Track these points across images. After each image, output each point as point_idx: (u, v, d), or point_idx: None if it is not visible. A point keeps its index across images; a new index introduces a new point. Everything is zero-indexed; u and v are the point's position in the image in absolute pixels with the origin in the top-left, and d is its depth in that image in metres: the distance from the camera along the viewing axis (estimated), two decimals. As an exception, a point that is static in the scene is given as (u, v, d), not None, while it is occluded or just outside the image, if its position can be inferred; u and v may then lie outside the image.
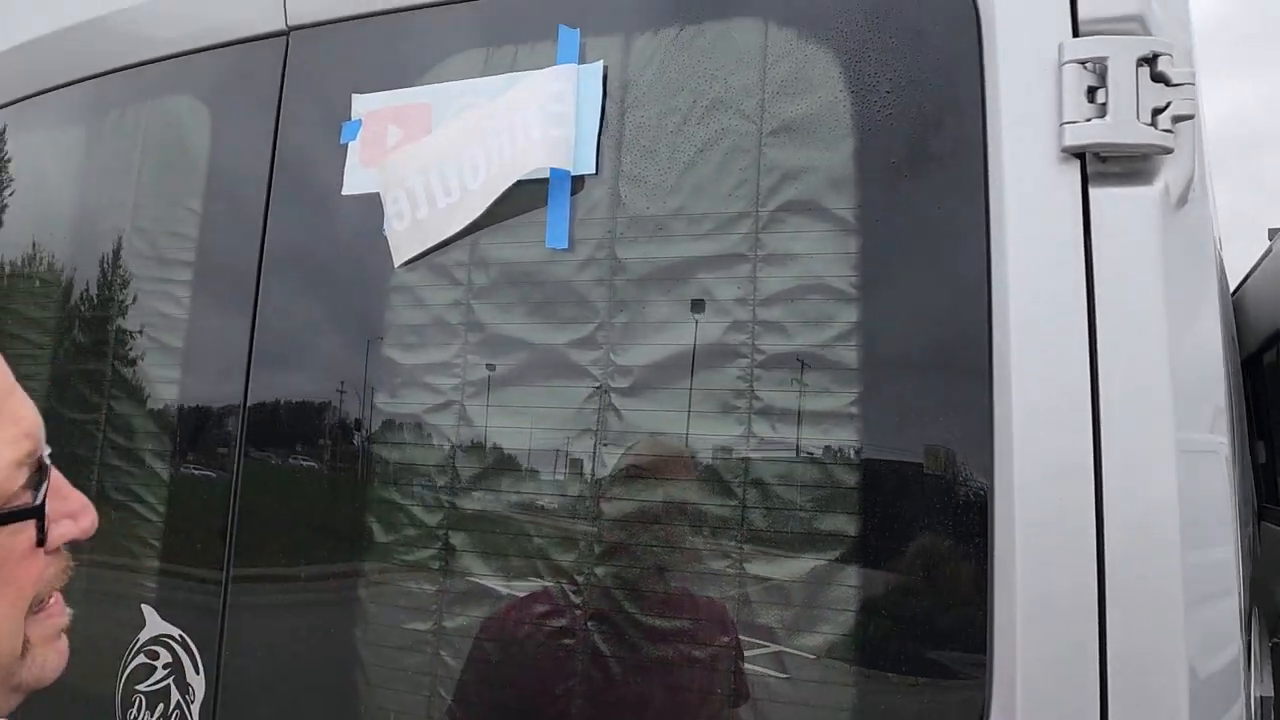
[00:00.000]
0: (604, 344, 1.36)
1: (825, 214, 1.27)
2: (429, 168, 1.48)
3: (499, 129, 1.43)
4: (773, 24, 1.33)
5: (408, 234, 1.50)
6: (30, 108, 2.00)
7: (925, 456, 1.19)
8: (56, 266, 1.94)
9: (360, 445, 1.52)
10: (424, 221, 1.48)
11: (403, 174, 1.50)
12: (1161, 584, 1.05)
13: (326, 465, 1.56)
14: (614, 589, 1.32)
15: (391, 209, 1.52)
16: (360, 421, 1.52)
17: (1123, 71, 1.11)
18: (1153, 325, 1.10)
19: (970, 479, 1.16)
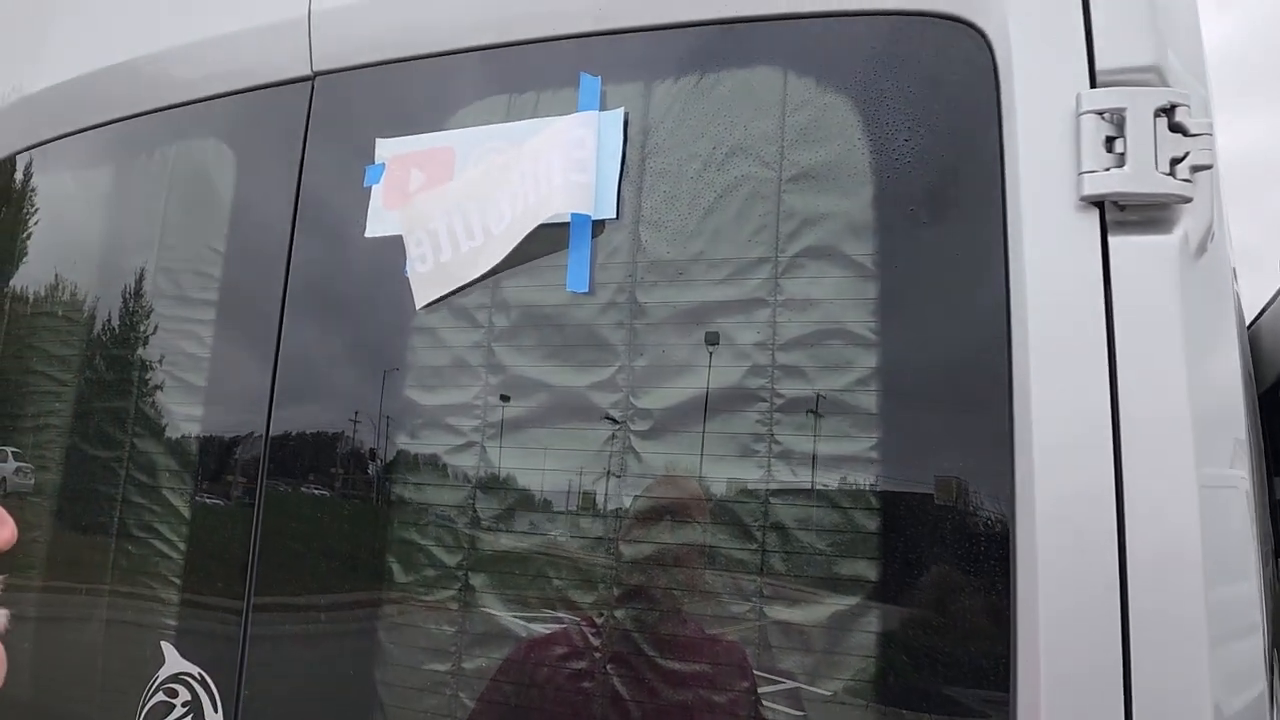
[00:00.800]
0: (624, 387, 1.36)
1: (844, 260, 1.28)
2: (452, 211, 1.50)
3: (522, 174, 1.45)
4: (792, 73, 1.35)
5: (430, 277, 1.51)
6: (59, 149, 2.03)
7: (947, 500, 1.19)
8: (83, 304, 1.96)
9: (381, 485, 1.52)
10: (447, 265, 1.50)
11: (426, 217, 1.52)
12: (1186, 621, 1.05)
13: (347, 505, 1.57)
14: (633, 631, 1.32)
15: (414, 251, 1.54)
16: (381, 461, 1.53)
17: (1141, 122, 1.12)
18: (1173, 371, 1.10)
19: (992, 522, 1.16)
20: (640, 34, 1.45)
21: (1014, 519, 1.12)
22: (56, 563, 1.84)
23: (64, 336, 1.98)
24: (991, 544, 1.15)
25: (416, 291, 1.53)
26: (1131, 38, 1.15)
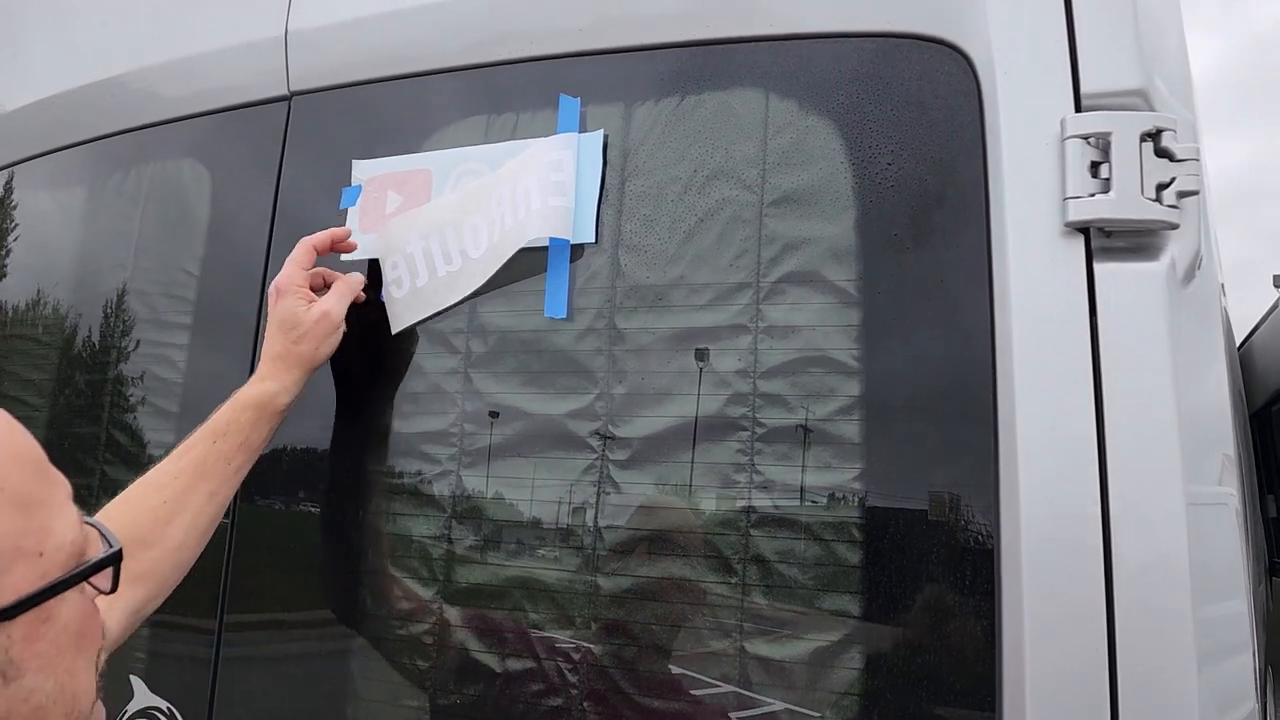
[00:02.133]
0: (603, 414, 1.34)
1: (826, 285, 1.26)
2: (429, 235, 1.48)
3: (500, 198, 1.42)
4: (774, 95, 1.33)
5: (406, 302, 1.49)
6: (35, 168, 2.01)
7: (933, 524, 1.17)
8: (58, 324, 1.93)
9: (357, 510, 1.50)
10: (423, 290, 1.47)
11: (403, 241, 1.49)
12: (1174, 639, 1.03)
13: (321, 536, 1.54)
14: (611, 667, 1.29)
15: (390, 275, 1.51)
16: (357, 486, 1.50)
17: (1126, 147, 1.10)
18: (1160, 396, 1.08)
19: (978, 544, 1.13)
20: (620, 55, 1.43)
21: (1000, 542, 1.10)
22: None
23: (37, 358, 1.95)
24: (977, 566, 1.13)
25: (393, 317, 1.50)
26: (1117, 61, 1.14)
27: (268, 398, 1.38)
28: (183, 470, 1.32)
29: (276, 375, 1.40)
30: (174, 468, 1.32)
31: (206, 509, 1.32)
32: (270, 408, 1.38)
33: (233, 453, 1.35)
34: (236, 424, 1.36)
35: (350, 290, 1.47)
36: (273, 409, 1.38)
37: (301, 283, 1.44)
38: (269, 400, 1.38)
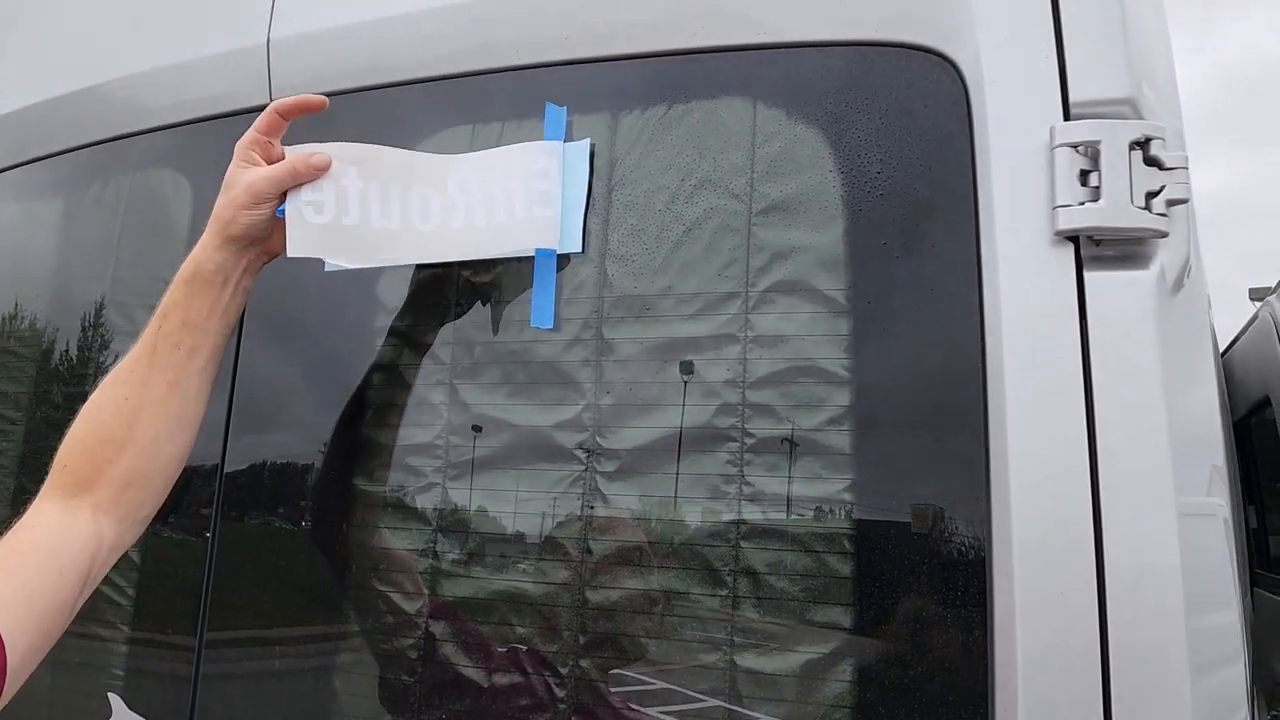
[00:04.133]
0: (590, 425, 1.33)
1: (816, 294, 1.25)
2: (373, 177, 1.36)
3: (466, 184, 1.38)
4: (762, 104, 1.32)
5: (324, 231, 1.33)
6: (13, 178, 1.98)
7: (923, 535, 1.16)
8: (35, 336, 1.91)
9: (341, 523, 1.47)
10: (350, 229, 1.34)
11: (340, 170, 1.34)
12: (1166, 651, 1.02)
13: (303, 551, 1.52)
14: (598, 680, 1.27)
15: (310, 195, 1.33)
16: (341, 498, 1.48)
17: (1115, 155, 1.10)
18: (1150, 404, 1.07)
19: (969, 555, 1.13)
20: (607, 64, 1.42)
21: (991, 553, 1.10)
22: None
23: (14, 370, 1.92)
24: (969, 577, 1.12)
25: (296, 239, 1.32)
26: (1105, 70, 1.14)
27: (194, 266, 1.31)
28: (137, 360, 1.29)
29: (201, 240, 1.32)
30: (131, 360, 1.30)
31: (169, 402, 1.29)
32: (198, 277, 1.30)
33: (177, 334, 1.29)
34: (173, 302, 1.30)
35: (292, 172, 1.31)
36: (200, 278, 1.30)
37: (250, 145, 1.34)
38: (195, 268, 1.31)
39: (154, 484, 1.29)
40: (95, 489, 1.23)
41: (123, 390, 1.27)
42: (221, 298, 1.32)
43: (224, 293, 1.32)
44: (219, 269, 1.31)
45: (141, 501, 1.28)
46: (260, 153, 1.34)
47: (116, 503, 1.24)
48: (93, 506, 1.23)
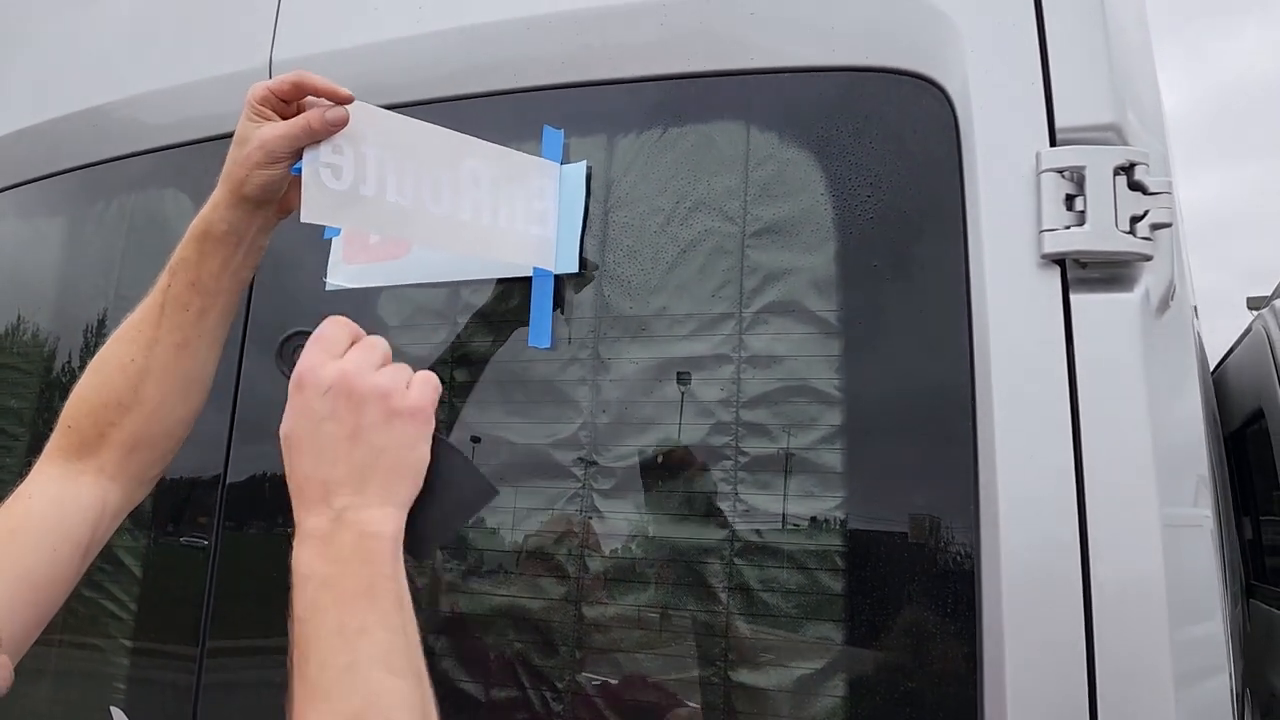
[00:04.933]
0: (586, 444, 1.35)
1: (808, 315, 1.27)
2: (390, 148, 1.29)
3: (480, 179, 1.36)
4: (755, 128, 1.34)
5: (341, 198, 1.25)
6: (15, 197, 2.00)
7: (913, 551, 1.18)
8: (39, 355, 1.92)
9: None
10: (367, 199, 1.27)
11: (360, 133, 1.25)
12: (1151, 661, 1.04)
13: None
14: (594, 696, 1.29)
15: (329, 157, 1.22)
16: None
17: (1100, 180, 1.12)
18: (1135, 424, 1.10)
19: (958, 571, 1.15)
20: (603, 87, 1.44)
21: (980, 568, 1.12)
22: None
23: (18, 387, 1.94)
24: (958, 593, 1.14)
25: (308, 202, 1.20)
26: (1091, 96, 1.16)
27: (204, 224, 1.21)
28: (144, 319, 1.22)
29: (212, 198, 1.23)
30: (139, 319, 1.23)
31: (178, 363, 1.22)
32: (209, 236, 1.21)
33: (186, 294, 1.21)
34: (182, 260, 1.22)
35: (307, 134, 1.18)
36: (211, 237, 1.21)
37: (262, 100, 1.19)
38: (206, 227, 1.21)
39: (162, 446, 1.24)
40: (100, 452, 1.19)
41: (129, 350, 1.21)
42: (234, 257, 1.24)
43: (236, 252, 1.24)
44: (231, 229, 1.22)
45: (149, 463, 1.23)
46: (273, 109, 1.21)
47: (122, 466, 1.19)
48: (96, 470, 1.18)
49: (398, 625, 0.87)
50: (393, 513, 0.94)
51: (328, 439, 0.95)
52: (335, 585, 0.87)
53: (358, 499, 0.92)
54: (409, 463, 0.97)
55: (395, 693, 0.83)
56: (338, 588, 0.87)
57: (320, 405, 0.96)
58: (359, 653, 0.84)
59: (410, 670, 0.86)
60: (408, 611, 0.90)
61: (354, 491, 0.93)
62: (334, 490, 0.93)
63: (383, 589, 0.88)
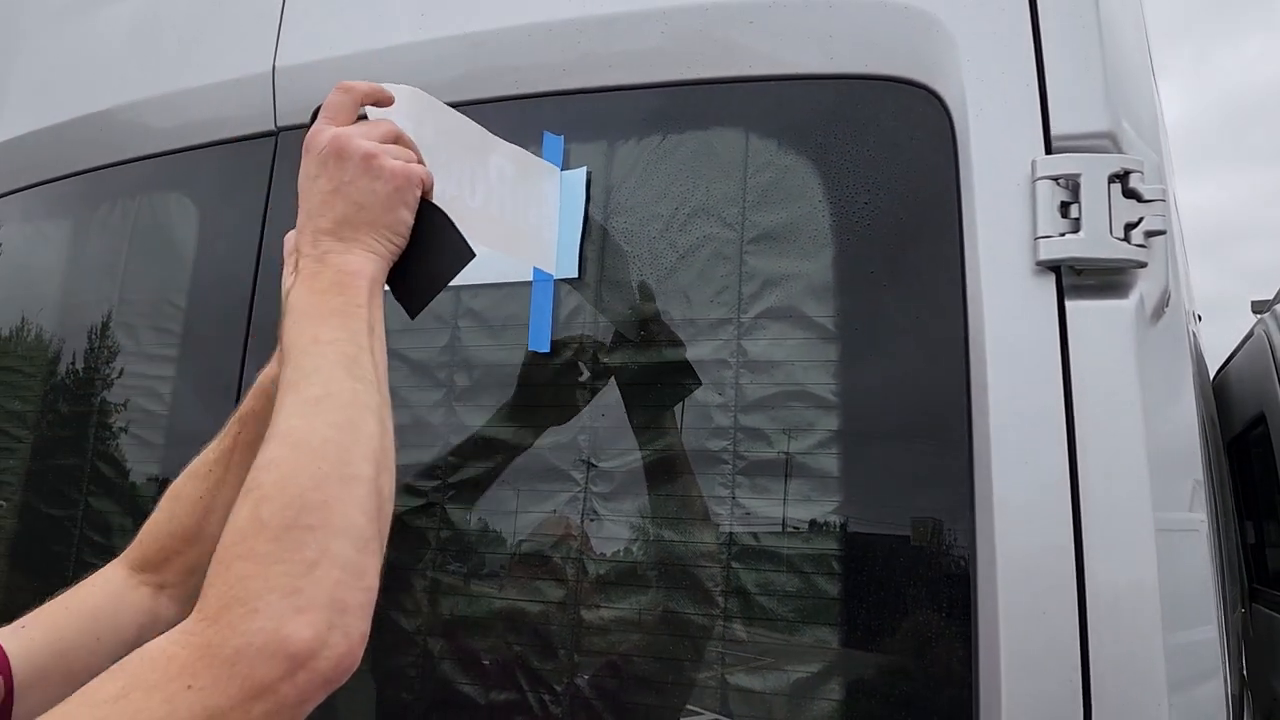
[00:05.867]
0: (585, 447, 1.36)
1: (805, 321, 1.28)
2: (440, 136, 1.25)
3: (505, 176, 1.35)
4: (754, 135, 1.35)
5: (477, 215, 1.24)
6: (20, 201, 2.02)
7: (909, 557, 1.19)
8: (43, 358, 1.94)
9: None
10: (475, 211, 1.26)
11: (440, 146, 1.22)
12: (1145, 665, 1.05)
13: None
14: (593, 698, 1.30)
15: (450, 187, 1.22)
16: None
17: (1095, 188, 1.13)
18: (1130, 430, 1.11)
19: (954, 576, 1.15)
20: (604, 94, 1.45)
21: (976, 572, 1.12)
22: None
23: (23, 390, 1.95)
24: (954, 597, 1.15)
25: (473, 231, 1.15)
26: (1086, 105, 1.17)
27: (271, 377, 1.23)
28: (216, 461, 1.28)
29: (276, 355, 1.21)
30: (211, 456, 1.28)
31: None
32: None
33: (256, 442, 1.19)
34: (253, 412, 1.26)
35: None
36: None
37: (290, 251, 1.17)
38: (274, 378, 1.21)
39: None
40: (161, 573, 1.25)
41: (200, 487, 1.27)
42: None
43: None
44: None
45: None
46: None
47: (181, 586, 1.25)
48: (157, 585, 1.24)
49: (365, 345, 0.98)
50: (371, 259, 1.04)
51: (317, 195, 1.05)
52: (314, 309, 0.98)
53: (339, 245, 1.03)
54: (386, 221, 1.06)
55: (354, 392, 0.93)
56: (316, 311, 0.98)
57: (314, 165, 1.06)
58: (326, 358, 0.94)
59: (373, 380, 0.96)
60: (378, 340, 1.01)
61: (336, 239, 1.03)
62: (320, 238, 1.03)
63: (354, 314, 0.98)
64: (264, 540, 0.81)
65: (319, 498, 0.84)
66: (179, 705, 0.74)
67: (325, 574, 0.81)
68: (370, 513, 0.88)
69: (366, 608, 0.84)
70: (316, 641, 0.79)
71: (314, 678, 0.79)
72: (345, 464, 0.88)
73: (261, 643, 0.76)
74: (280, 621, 0.77)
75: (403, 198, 1.07)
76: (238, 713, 0.75)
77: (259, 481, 0.85)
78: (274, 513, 0.83)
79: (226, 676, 0.75)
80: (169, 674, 0.75)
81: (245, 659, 0.76)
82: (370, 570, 0.86)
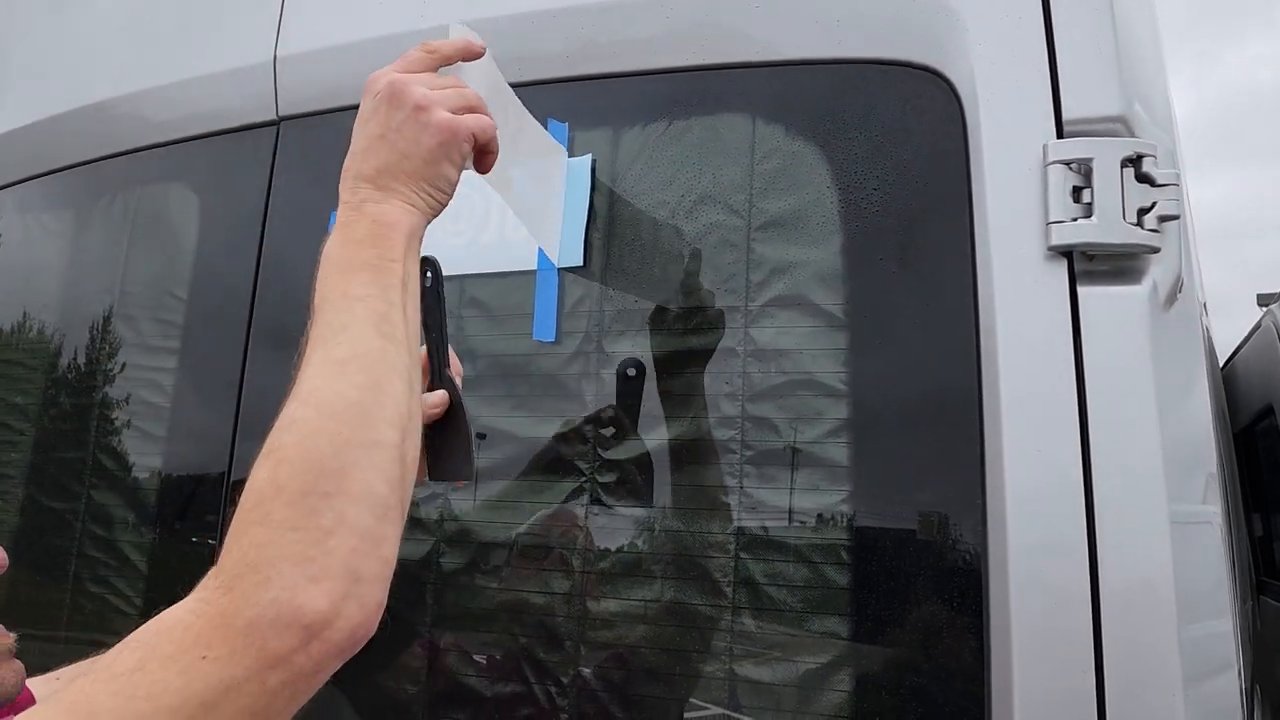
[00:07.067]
0: (590, 438, 1.34)
1: (814, 309, 1.27)
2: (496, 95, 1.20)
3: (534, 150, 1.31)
4: (761, 121, 1.34)
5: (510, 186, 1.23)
6: (20, 193, 2.00)
7: (920, 547, 1.18)
8: (43, 350, 1.93)
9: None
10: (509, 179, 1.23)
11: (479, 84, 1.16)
12: (1159, 659, 1.04)
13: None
14: (600, 689, 1.29)
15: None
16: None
17: (1107, 172, 1.11)
18: (1143, 417, 1.09)
19: (964, 568, 1.14)
20: (609, 80, 1.44)
21: (987, 563, 1.11)
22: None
23: (24, 382, 1.94)
24: (965, 587, 1.14)
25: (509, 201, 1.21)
26: (1098, 88, 1.15)
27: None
28: None
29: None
30: None
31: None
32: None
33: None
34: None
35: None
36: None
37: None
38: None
39: None
40: None
41: None
42: None
43: None
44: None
45: None
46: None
47: None
48: None
49: (397, 302, 0.93)
50: (409, 211, 1.00)
51: (364, 137, 1.03)
52: (346, 262, 0.94)
53: (377, 194, 0.99)
54: (428, 175, 1.02)
55: (381, 352, 0.89)
56: (348, 264, 0.94)
57: (369, 105, 1.04)
58: (355, 314, 0.90)
59: (403, 340, 0.92)
60: (411, 298, 0.97)
61: (375, 188, 0.99)
62: (359, 184, 1.00)
63: (388, 269, 0.94)
64: (280, 505, 0.79)
65: (338, 464, 0.82)
66: (195, 676, 0.72)
67: (341, 542, 0.79)
68: (392, 479, 0.85)
69: (383, 577, 0.83)
70: (331, 611, 0.77)
71: (328, 648, 0.77)
72: (368, 428, 0.85)
73: (275, 614, 0.75)
74: (294, 591, 0.76)
75: (447, 152, 1.04)
76: (254, 683, 0.74)
77: (280, 442, 0.83)
78: (291, 477, 0.81)
79: (242, 647, 0.74)
80: (184, 644, 0.74)
81: (259, 630, 0.74)
82: (389, 539, 0.84)
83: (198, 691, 0.72)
